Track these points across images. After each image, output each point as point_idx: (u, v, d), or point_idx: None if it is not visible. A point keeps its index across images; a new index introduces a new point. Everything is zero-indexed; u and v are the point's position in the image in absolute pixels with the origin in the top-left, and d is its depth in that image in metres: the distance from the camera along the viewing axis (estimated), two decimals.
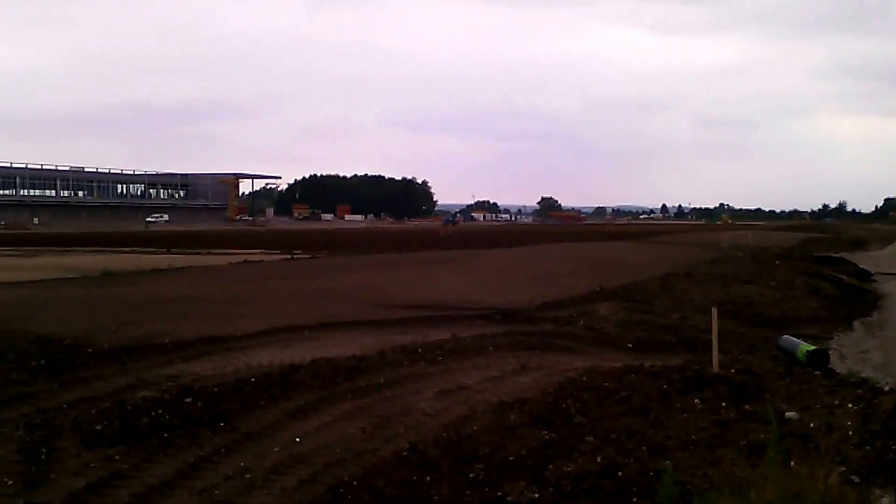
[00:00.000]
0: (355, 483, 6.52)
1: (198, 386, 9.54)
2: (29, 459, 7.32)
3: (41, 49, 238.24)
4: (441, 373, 11.10)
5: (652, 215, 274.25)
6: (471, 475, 6.59)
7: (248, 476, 6.97)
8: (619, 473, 6.33)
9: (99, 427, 8.11)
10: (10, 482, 6.78)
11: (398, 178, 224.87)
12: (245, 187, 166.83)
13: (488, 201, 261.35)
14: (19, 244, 52.11)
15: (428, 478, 6.60)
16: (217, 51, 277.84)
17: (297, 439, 7.95)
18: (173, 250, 43.23)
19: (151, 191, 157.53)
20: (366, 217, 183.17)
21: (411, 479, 6.57)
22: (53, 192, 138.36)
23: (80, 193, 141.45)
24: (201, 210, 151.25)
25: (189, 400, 8.93)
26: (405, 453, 7.24)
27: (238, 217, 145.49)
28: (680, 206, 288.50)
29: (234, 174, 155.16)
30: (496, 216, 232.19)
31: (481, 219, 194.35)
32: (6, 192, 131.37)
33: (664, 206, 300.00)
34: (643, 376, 9.42)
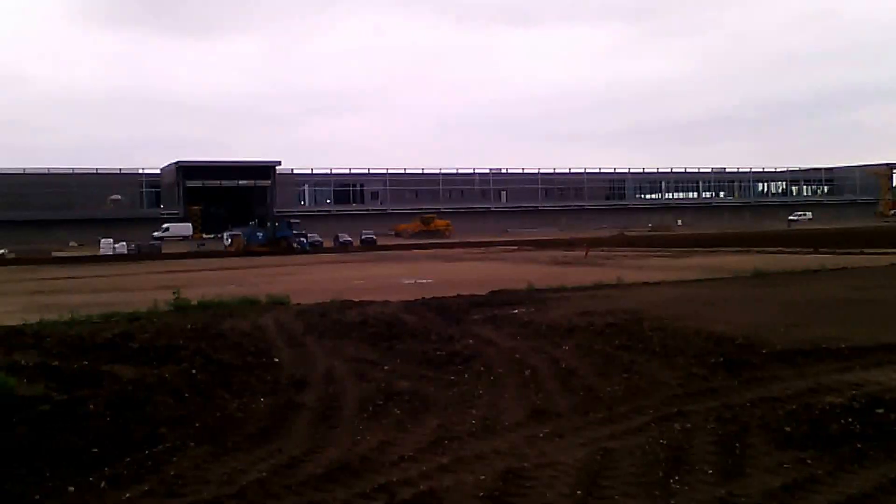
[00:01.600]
0: None
1: (888, 397, 8.78)
2: (724, 452, 7.54)
3: (677, 58, 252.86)
4: None
5: None
6: None
7: None
8: None
9: (788, 428, 8.04)
10: (710, 471, 7.06)
11: None
12: None
13: None
14: (667, 245, 56.03)
15: None
16: (856, 33, 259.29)
17: None
18: (821, 250, 41.49)
19: (793, 188, 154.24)
20: None
21: None
22: (695, 193, 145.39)
23: (721, 194, 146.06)
24: (848, 206, 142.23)
25: (881, 411, 8.24)
26: None
27: (892, 212, 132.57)
28: None
29: (886, 164, 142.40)
30: None
31: None
32: (653, 195, 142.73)
33: None
34: None
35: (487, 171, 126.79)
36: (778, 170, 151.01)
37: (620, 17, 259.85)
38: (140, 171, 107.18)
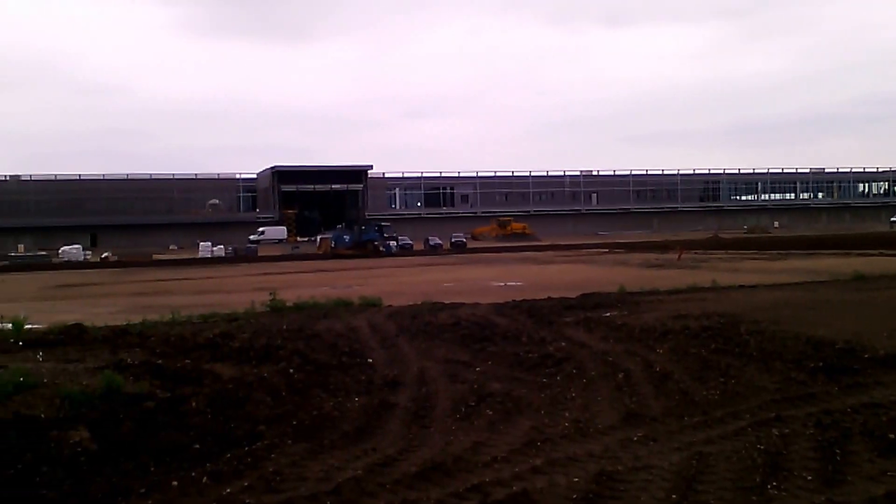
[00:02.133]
0: None
1: None
2: (824, 458, 7.30)
3: (774, 56, 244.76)
4: None
5: None
6: None
7: None
8: None
9: (892, 435, 7.73)
10: (809, 477, 6.86)
11: None
12: None
13: None
14: (763, 248, 54.41)
15: None
16: None
17: None
18: None
19: None
20: None
21: None
22: (793, 194, 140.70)
23: (820, 195, 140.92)
24: None
25: None
26: None
27: None
28: None
29: None
30: None
31: None
32: (749, 197, 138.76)
33: None
34: None
35: (578, 173, 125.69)
36: (880, 170, 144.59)
37: (717, 15, 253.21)
38: (237, 177, 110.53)
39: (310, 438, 8.90)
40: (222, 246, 73.52)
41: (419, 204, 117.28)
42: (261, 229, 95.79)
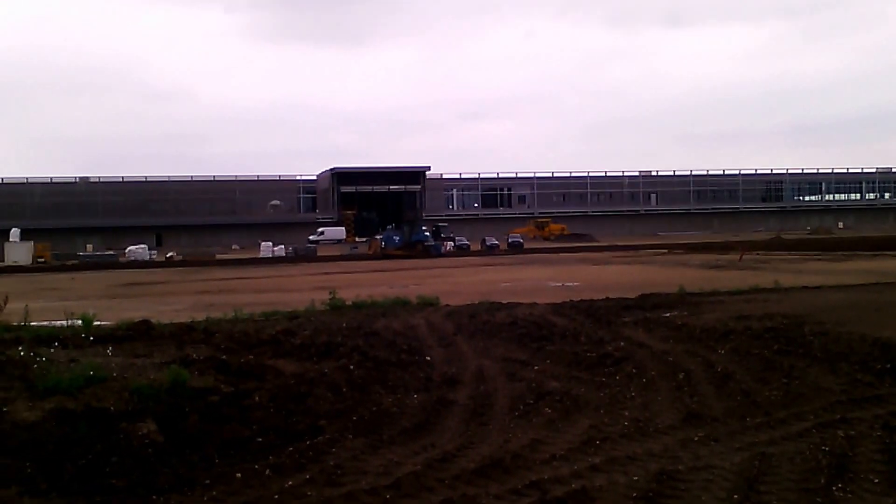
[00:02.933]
0: None
1: None
2: (891, 461, 7.16)
3: (838, 54, 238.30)
4: None
5: None
6: None
7: None
8: None
9: None
10: (876, 480, 6.73)
11: None
12: None
13: None
14: (826, 249, 53.08)
15: None
16: None
17: None
18: None
19: None
20: None
21: None
22: (858, 195, 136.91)
23: (887, 195, 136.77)
24: None
25: None
26: None
27: None
28: None
29: None
30: None
31: None
32: (812, 197, 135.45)
33: None
34: None
35: (637, 173, 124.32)
36: None
37: (778, 14, 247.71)
38: (298, 178, 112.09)
39: (369, 434, 9.01)
40: (283, 246, 74.61)
41: (476, 205, 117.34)
42: (320, 230, 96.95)
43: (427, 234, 67.38)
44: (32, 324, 15.18)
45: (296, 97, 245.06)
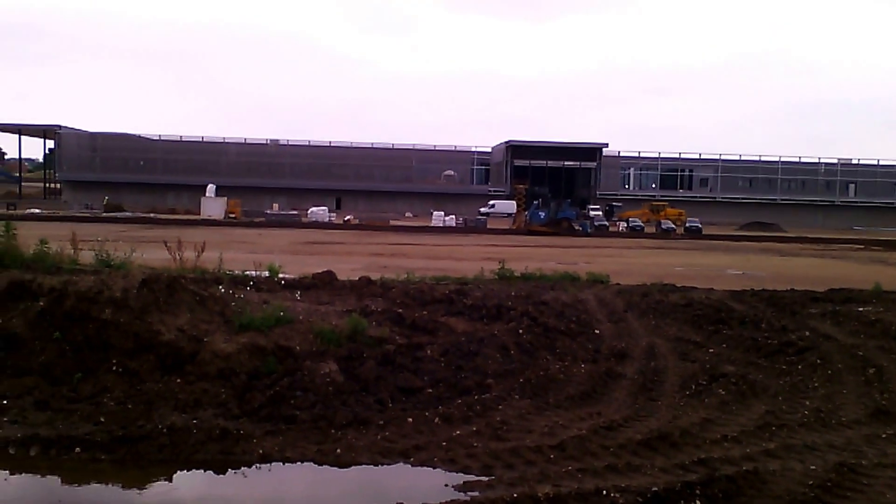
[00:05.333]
0: None
1: None
2: None
3: None
4: None
5: None
6: None
7: None
8: None
9: None
10: None
11: None
12: None
13: None
14: None
15: None
16: None
17: None
18: None
19: None
20: None
21: None
22: None
23: None
24: None
25: None
26: None
27: None
28: None
29: None
30: None
31: None
32: None
33: None
34: None
35: (835, 161, 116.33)
36: None
37: None
38: (472, 150, 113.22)
39: (535, 396, 9.11)
40: (454, 216, 75.80)
41: (654, 185, 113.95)
42: (491, 202, 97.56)
43: (573, 212, 66.23)
44: (226, 270, 16.32)
45: (476, 67, 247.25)
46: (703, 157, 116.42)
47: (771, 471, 6.53)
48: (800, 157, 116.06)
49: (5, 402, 8.37)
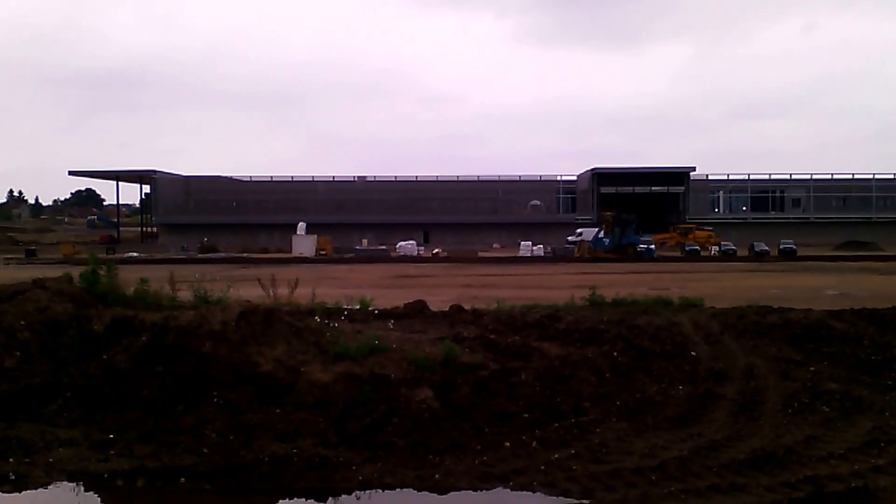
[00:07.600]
0: None
1: None
2: None
3: None
4: None
5: None
6: None
7: None
8: None
9: None
10: None
11: None
12: None
13: None
14: None
15: None
16: None
17: None
18: None
19: None
20: None
21: None
22: None
23: None
24: None
25: None
26: None
27: None
28: None
29: None
30: None
31: None
32: None
33: None
34: None
35: None
36: None
37: None
38: (557, 178, 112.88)
39: (633, 418, 9.06)
40: (541, 245, 75.57)
41: (744, 208, 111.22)
42: (579, 230, 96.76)
43: (638, 237, 64.81)
44: (319, 304, 16.78)
45: (560, 98, 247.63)
46: (794, 177, 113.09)
47: (882, 487, 6.35)
48: (894, 174, 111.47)
49: (111, 435, 8.77)
